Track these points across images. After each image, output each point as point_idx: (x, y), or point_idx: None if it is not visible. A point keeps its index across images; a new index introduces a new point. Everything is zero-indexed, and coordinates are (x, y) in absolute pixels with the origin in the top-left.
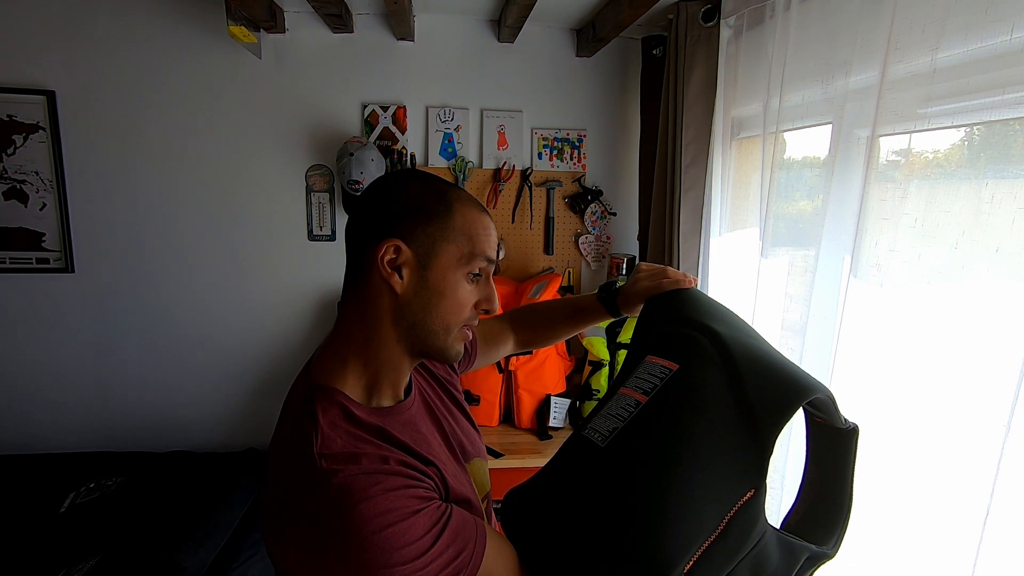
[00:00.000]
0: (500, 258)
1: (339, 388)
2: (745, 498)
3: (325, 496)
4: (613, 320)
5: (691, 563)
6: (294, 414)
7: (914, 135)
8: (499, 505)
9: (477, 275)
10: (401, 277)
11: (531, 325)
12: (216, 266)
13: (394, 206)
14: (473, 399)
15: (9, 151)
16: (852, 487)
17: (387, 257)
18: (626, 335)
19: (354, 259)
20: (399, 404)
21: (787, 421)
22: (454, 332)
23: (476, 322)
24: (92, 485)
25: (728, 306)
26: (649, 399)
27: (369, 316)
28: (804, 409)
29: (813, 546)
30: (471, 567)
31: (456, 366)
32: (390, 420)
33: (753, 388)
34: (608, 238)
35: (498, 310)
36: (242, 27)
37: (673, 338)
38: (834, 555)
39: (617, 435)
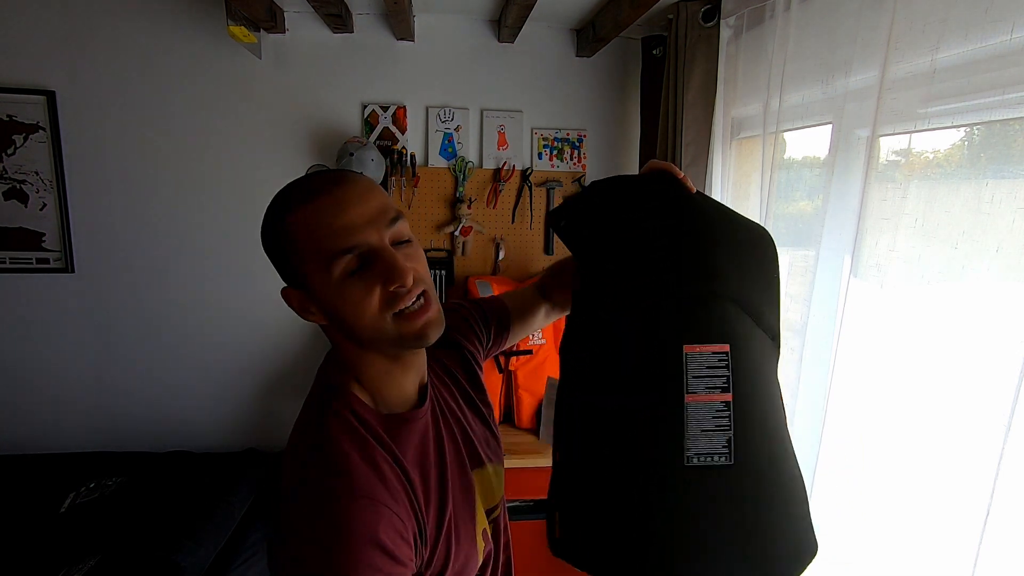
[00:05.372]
0: (500, 258)
1: (353, 392)
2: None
3: (314, 495)
4: None
5: None
6: (309, 415)
7: (914, 135)
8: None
9: (355, 270)
10: (313, 312)
11: (558, 284)
12: (216, 266)
13: (269, 254)
14: None
15: (9, 151)
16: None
17: (294, 305)
18: None
19: None
20: (412, 411)
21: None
22: (387, 321)
23: (404, 291)
24: (92, 485)
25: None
26: (735, 395)
27: (336, 344)
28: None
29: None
30: None
31: (479, 358)
32: (398, 433)
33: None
34: None
35: (408, 282)
36: (242, 27)
37: (693, 313)
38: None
39: (737, 445)
